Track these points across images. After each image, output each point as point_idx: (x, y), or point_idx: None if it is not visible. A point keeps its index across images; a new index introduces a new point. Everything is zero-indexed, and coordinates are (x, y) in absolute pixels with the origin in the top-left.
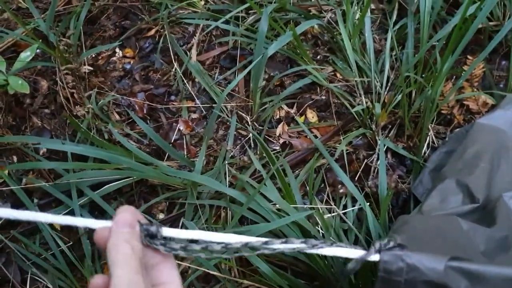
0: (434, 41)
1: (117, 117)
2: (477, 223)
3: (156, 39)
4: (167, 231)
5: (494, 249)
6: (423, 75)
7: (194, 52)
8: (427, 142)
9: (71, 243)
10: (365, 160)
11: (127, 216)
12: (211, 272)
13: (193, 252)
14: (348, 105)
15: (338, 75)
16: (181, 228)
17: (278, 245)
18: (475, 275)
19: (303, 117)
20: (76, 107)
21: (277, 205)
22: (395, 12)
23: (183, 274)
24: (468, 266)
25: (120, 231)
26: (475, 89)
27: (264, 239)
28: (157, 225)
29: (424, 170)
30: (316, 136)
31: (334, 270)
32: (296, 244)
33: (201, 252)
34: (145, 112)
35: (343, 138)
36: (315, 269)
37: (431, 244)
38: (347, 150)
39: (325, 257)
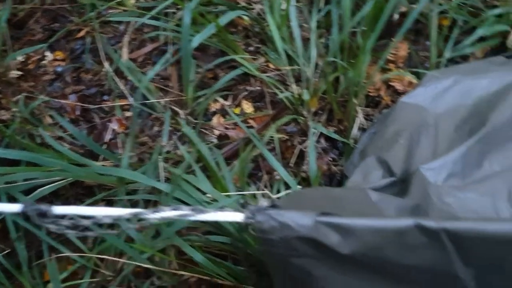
0: (354, 23)
1: (50, 120)
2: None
3: (87, 40)
4: (57, 209)
5: None
6: (352, 61)
7: (125, 50)
8: (357, 124)
9: (7, 251)
10: (300, 146)
11: None
12: (143, 265)
13: (83, 228)
14: (282, 97)
15: (270, 65)
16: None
17: (167, 213)
18: (345, 229)
19: (238, 108)
20: (1, 111)
21: (210, 196)
22: (322, 0)
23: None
24: (337, 220)
25: None
26: (401, 70)
27: (154, 209)
28: (46, 204)
29: (354, 151)
30: (252, 126)
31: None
32: (184, 211)
33: (92, 227)
34: (77, 113)
35: (273, 125)
36: (253, 255)
37: (318, 207)
38: (282, 137)
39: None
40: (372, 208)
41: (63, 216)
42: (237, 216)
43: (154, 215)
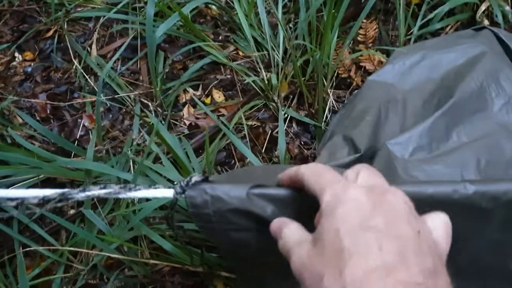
0: (319, 2)
1: (20, 120)
2: None
3: (56, 39)
4: None
5: None
6: (320, 44)
7: (94, 47)
8: (328, 107)
9: None
10: (271, 132)
11: None
12: (113, 256)
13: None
14: (251, 82)
15: (240, 53)
16: (82, 219)
17: (96, 191)
18: (278, 199)
19: (209, 98)
20: None
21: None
22: None
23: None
24: (269, 191)
25: None
26: (370, 50)
27: (81, 188)
28: None
29: (326, 133)
30: (223, 115)
31: None
32: (111, 189)
33: (15, 208)
34: (48, 112)
35: (242, 111)
36: None
37: (255, 181)
38: (254, 124)
39: None
40: None
41: None
42: (168, 192)
43: (81, 194)
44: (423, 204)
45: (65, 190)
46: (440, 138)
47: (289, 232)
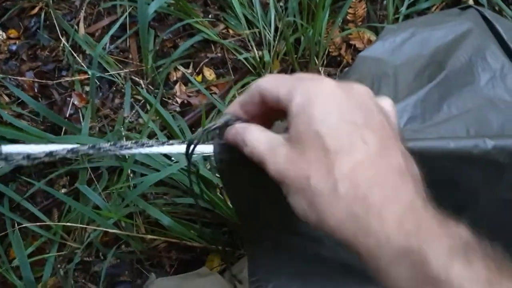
0: None
1: (7, 99)
2: None
3: (42, 17)
4: (6, 148)
5: None
6: (312, 22)
7: (81, 25)
8: None
9: None
10: None
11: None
12: (110, 231)
13: (35, 159)
14: (243, 59)
15: (230, 31)
16: (79, 196)
17: (108, 146)
18: None
19: (200, 76)
20: None
21: (174, 159)
22: None
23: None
24: None
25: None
26: (360, 28)
27: (93, 144)
28: None
29: None
30: (215, 93)
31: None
32: (124, 144)
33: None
34: (36, 90)
35: (235, 89)
36: (222, 216)
37: None
38: None
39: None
40: None
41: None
42: (182, 148)
43: (91, 150)
44: (441, 159)
45: (74, 146)
46: (432, 109)
47: (254, 137)
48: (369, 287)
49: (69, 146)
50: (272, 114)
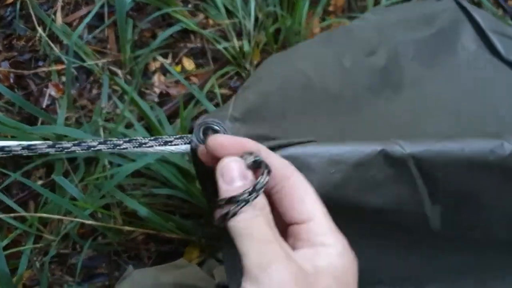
0: None
1: None
2: None
3: (17, 6)
4: None
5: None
6: (291, 13)
7: (59, 14)
8: None
9: None
10: None
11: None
12: (86, 222)
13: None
14: (223, 49)
15: (210, 21)
16: (55, 187)
17: (93, 143)
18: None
19: (179, 66)
20: None
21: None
22: None
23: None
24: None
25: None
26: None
27: (79, 141)
28: None
29: None
30: (194, 83)
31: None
32: (117, 142)
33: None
34: (11, 81)
35: (214, 77)
36: (199, 206)
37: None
38: (227, 93)
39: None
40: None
41: None
42: (185, 147)
43: (75, 147)
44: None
45: (57, 142)
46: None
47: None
48: None
49: (50, 142)
50: None
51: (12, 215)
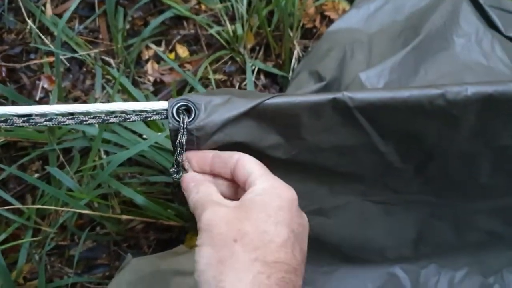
0: None
1: None
2: None
3: None
4: None
5: None
6: None
7: (48, 6)
8: (294, 57)
9: None
10: (240, 85)
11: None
12: (82, 212)
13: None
14: (216, 34)
15: (202, 6)
16: (49, 180)
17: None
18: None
19: (173, 54)
20: None
21: (145, 136)
22: None
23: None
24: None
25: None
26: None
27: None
28: None
29: (292, 77)
30: (189, 70)
31: None
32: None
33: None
34: (3, 75)
35: (207, 62)
36: None
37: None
38: (222, 78)
39: None
40: None
41: None
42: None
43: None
44: (397, 111)
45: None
46: (409, 73)
47: (207, 190)
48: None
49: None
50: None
51: (8, 207)
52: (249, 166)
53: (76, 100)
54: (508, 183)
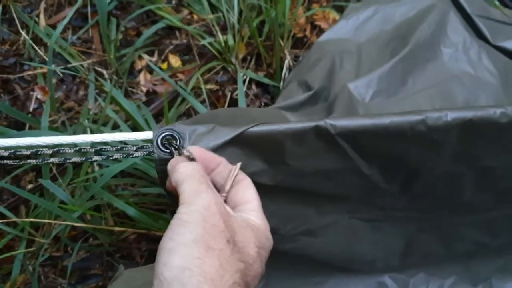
0: None
1: None
2: (318, 113)
3: (0, 10)
4: None
5: None
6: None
7: (42, 17)
8: (285, 66)
9: None
10: (231, 95)
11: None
12: (75, 224)
13: None
14: (208, 45)
15: (194, 16)
16: (43, 191)
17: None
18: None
19: (166, 64)
20: None
21: None
22: None
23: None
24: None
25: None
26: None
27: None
28: None
29: (281, 91)
30: (181, 80)
31: None
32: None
33: None
34: None
35: (199, 73)
36: None
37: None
38: (214, 88)
39: None
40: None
41: None
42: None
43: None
44: (379, 137)
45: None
46: (397, 83)
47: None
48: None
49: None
50: None
51: (4, 220)
52: (250, 192)
53: (69, 110)
54: (493, 199)
